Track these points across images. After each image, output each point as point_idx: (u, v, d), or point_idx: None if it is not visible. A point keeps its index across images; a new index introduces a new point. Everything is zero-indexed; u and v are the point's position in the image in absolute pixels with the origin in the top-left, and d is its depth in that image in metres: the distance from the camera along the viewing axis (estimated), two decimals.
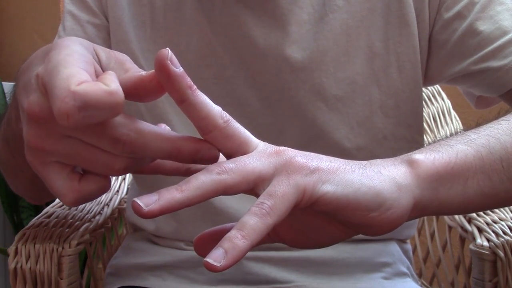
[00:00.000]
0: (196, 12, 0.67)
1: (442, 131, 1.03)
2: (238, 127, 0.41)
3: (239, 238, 0.35)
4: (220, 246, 0.35)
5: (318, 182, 0.39)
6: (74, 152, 0.38)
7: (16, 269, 0.64)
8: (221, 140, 0.40)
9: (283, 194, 0.37)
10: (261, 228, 0.36)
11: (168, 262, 0.70)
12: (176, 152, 0.39)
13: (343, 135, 0.66)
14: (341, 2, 0.65)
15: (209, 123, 0.40)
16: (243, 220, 0.36)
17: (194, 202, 0.37)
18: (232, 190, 0.38)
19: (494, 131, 0.49)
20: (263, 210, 0.37)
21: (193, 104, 0.39)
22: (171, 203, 0.36)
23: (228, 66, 0.67)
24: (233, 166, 0.38)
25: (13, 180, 0.66)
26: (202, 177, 0.37)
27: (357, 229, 0.42)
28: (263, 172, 0.39)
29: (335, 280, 0.67)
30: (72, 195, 0.38)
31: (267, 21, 0.65)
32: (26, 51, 1.98)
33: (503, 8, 0.63)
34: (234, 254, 0.35)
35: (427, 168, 0.44)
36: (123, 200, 0.93)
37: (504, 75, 0.62)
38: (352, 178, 0.40)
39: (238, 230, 0.36)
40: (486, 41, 0.62)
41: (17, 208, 1.70)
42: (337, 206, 0.39)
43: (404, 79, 0.66)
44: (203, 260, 0.35)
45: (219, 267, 0.34)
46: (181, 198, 0.36)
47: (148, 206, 0.36)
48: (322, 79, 0.65)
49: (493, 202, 0.47)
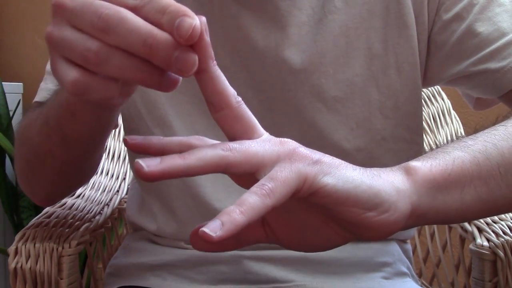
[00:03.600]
0: (195, 13, 0.67)
1: (442, 131, 1.03)
2: (248, 111, 0.41)
3: (237, 212, 0.35)
4: (218, 218, 0.35)
5: (320, 173, 0.39)
6: (67, 36, 0.38)
7: (16, 269, 0.64)
8: (231, 120, 0.41)
9: (284, 179, 0.37)
10: (259, 207, 0.36)
11: (168, 262, 0.70)
12: (150, 41, 0.37)
13: (342, 136, 0.66)
14: (340, 3, 0.65)
15: (222, 99, 0.40)
16: (243, 197, 0.36)
17: (195, 172, 0.37)
18: (234, 169, 0.38)
19: (491, 137, 0.49)
20: (263, 191, 0.37)
21: (212, 76, 0.39)
22: (172, 168, 0.36)
23: (228, 68, 0.67)
24: (238, 146, 0.39)
25: (35, 174, 0.66)
26: (206, 150, 0.38)
27: (354, 231, 0.42)
28: (266, 158, 0.39)
29: (335, 280, 0.67)
30: (73, 74, 0.38)
31: (266, 22, 0.65)
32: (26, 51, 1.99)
33: (502, 9, 0.64)
34: (230, 227, 0.35)
35: (424, 174, 0.44)
36: (123, 200, 0.93)
37: (502, 76, 0.62)
38: (353, 175, 0.40)
39: (237, 205, 0.36)
40: (484, 42, 0.62)
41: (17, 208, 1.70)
42: (336, 200, 0.39)
43: (403, 80, 0.66)
44: (200, 229, 0.34)
45: (215, 237, 0.34)
46: (182, 165, 0.36)
47: (149, 167, 0.36)
48: (321, 81, 0.65)
49: (491, 209, 0.47)
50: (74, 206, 0.80)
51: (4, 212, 1.71)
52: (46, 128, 0.59)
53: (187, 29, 0.36)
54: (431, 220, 0.45)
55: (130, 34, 0.37)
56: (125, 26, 0.37)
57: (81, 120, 0.55)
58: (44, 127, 0.59)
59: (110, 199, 0.89)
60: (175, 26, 0.36)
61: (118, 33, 0.37)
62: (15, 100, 1.79)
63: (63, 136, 0.58)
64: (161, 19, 0.37)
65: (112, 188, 0.94)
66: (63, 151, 0.60)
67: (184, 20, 0.36)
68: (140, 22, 0.37)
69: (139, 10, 0.37)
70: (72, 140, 0.58)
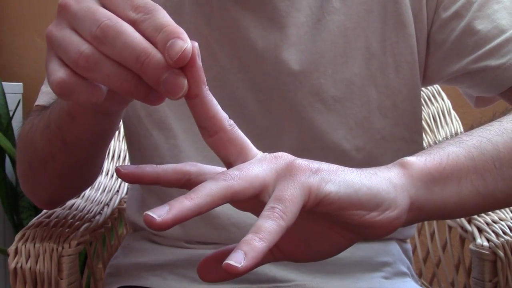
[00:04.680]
0: (194, 15, 0.67)
1: (442, 131, 1.03)
2: (241, 133, 0.42)
3: (257, 240, 0.35)
4: (239, 249, 0.35)
5: (322, 182, 0.39)
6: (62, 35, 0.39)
7: (16, 269, 0.64)
8: (225, 143, 0.41)
9: (291, 197, 0.38)
10: (276, 230, 0.36)
11: (168, 261, 0.70)
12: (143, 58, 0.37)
13: (341, 136, 0.66)
14: (338, 4, 0.66)
15: (216, 123, 0.40)
16: (258, 224, 0.36)
17: (205, 210, 0.37)
18: (239, 196, 0.38)
19: (486, 132, 0.50)
20: (275, 214, 0.37)
21: (204, 101, 0.40)
22: (183, 212, 0.36)
23: (227, 69, 0.67)
24: (238, 173, 0.39)
25: (37, 177, 0.66)
26: (209, 185, 0.38)
27: (358, 232, 0.42)
28: (267, 178, 0.39)
29: (335, 279, 0.67)
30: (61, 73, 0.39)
31: (265, 23, 0.65)
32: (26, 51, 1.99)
33: (500, 6, 0.64)
34: (253, 255, 0.35)
35: (419, 168, 0.44)
36: (123, 200, 0.93)
37: (502, 73, 0.62)
38: (352, 179, 0.41)
39: (254, 233, 0.36)
40: (484, 40, 0.63)
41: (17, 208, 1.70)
42: (340, 206, 0.40)
43: (402, 79, 0.66)
44: (224, 263, 0.34)
45: (241, 268, 0.34)
46: (192, 205, 0.36)
47: (160, 217, 0.35)
48: (320, 81, 0.65)
49: (491, 202, 0.48)
50: (74, 206, 0.80)
51: (4, 212, 1.71)
52: (48, 131, 0.59)
53: (177, 51, 0.37)
54: (431, 213, 0.46)
55: (125, 48, 0.37)
56: (122, 40, 0.37)
57: (81, 124, 0.55)
58: (45, 131, 0.59)
59: (110, 199, 0.89)
60: (166, 47, 0.37)
61: (113, 45, 0.37)
62: (15, 100, 1.79)
63: (63, 140, 0.58)
64: (156, 38, 0.37)
65: (112, 188, 0.94)
66: (63, 155, 0.60)
67: (175, 42, 0.37)
68: (137, 38, 0.37)
69: (138, 24, 0.38)
70: (73, 144, 0.58)
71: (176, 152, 0.67)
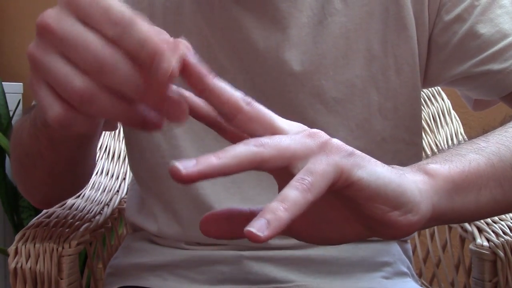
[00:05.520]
0: (195, 15, 0.67)
1: (442, 131, 1.03)
2: (263, 109, 0.41)
3: (281, 209, 0.34)
4: (262, 217, 0.34)
5: (355, 166, 0.38)
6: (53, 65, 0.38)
7: (16, 269, 0.64)
8: (247, 123, 0.40)
9: (322, 172, 0.37)
10: (301, 202, 0.35)
11: (168, 262, 0.70)
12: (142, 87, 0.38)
13: (342, 138, 0.66)
14: (339, 5, 0.66)
15: (232, 106, 0.40)
16: (284, 192, 0.35)
17: (231, 171, 0.36)
18: (268, 164, 0.37)
19: (503, 139, 0.50)
20: (304, 185, 0.36)
21: (214, 90, 0.39)
22: (209, 168, 0.35)
23: (227, 69, 0.67)
24: (269, 141, 0.38)
25: (29, 176, 0.66)
26: (239, 147, 0.37)
27: (374, 228, 0.42)
28: (298, 151, 0.38)
29: (336, 280, 0.67)
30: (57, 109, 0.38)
31: (266, 23, 0.65)
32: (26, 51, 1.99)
33: (503, 11, 0.64)
34: (276, 225, 0.34)
35: (443, 177, 0.44)
36: (123, 200, 0.93)
37: (505, 77, 0.62)
38: (384, 171, 0.40)
39: (280, 202, 0.35)
40: (486, 44, 0.63)
41: (17, 208, 1.70)
42: (368, 195, 0.39)
43: (403, 81, 0.66)
44: (245, 229, 0.33)
45: (263, 237, 0.33)
46: (219, 164, 0.36)
47: (186, 169, 0.35)
48: (322, 82, 0.65)
49: (503, 209, 0.48)
50: (74, 206, 0.80)
51: (4, 212, 1.71)
52: (34, 129, 0.58)
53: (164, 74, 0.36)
54: (447, 221, 0.46)
55: (125, 81, 0.37)
56: (121, 73, 0.37)
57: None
58: (32, 129, 0.59)
59: (110, 199, 0.89)
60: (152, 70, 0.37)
61: (112, 79, 0.37)
62: (15, 100, 1.79)
63: (49, 138, 0.57)
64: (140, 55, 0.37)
65: (112, 188, 0.94)
66: (51, 152, 0.60)
67: (159, 66, 0.36)
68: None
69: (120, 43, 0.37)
70: (59, 141, 0.58)
71: (176, 152, 0.67)
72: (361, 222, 0.42)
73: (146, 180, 0.72)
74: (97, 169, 0.96)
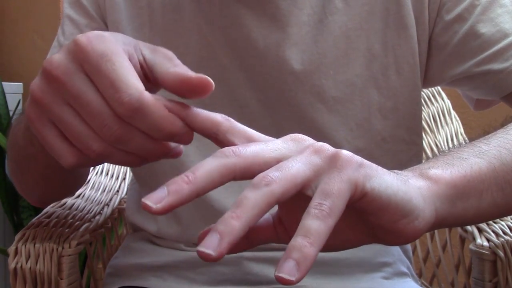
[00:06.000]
0: (194, 13, 0.67)
1: (442, 131, 1.03)
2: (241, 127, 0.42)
3: (308, 246, 0.33)
4: (290, 258, 0.33)
5: (366, 177, 0.37)
6: (66, 119, 0.40)
7: (16, 269, 0.64)
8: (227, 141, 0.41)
9: (339, 192, 0.36)
10: (325, 231, 0.34)
11: (168, 263, 0.70)
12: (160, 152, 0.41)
13: (342, 137, 0.66)
14: (340, 4, 0.66)
15: (210, 129, 0.42)
16: (306, 224, 0.34)
17: (252, 223, 0.35)
18: (283, 198, 0.36)
19: (504, 141, 0.50)
20: (323, 212, 0.34)
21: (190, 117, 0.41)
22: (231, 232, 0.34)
23: (227, 68, 0.67)
24: (279, 174, 0.36)
25: (24, 176, 0.66)
26: (253, 194, 0.35)
27: (380, 236, 0.41)
28: (308, 174, 0.37)
29: (336, 280, 0.67)
30: (71, 159, 0.40)
31: (266, 22, 0.65)
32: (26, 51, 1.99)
33: (504, 10, 0.64)
34: (306, 264, 0.33)
35: (446, 182, 0.44)
36: (123, 200, 0.93)
37: (506, 77, 0.62)
38: (391, 180, 0.39)
39: (304, 237, 0.34)
40: (487, 43, 0.63)
41: (17, 208, 1.70)
42: (380, 205, 0.38)
43: (403, 81, 0.66)
44: (275, 275, 0.33)
45: (295, 280, 0.33)
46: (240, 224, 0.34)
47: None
48: (322, 81, 0.65)
49: (505, 212, 0.48)
50: (74, 206, 0.80)
51: (4, 212, 1.71)
52: (28, 132, 0.58)
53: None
54: (449, 225, 0.46)
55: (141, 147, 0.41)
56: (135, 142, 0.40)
57: None
58: (26, 131, 0.59)
59: (110, 199, 0.89)
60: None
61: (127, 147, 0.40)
62: (15, 100, 1.79)
63: None
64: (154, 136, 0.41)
65: (112, 188, 0.94)
66: (45, 156, 0.60)
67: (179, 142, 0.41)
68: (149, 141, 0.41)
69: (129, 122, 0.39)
70: None
71: None
72: (365, 230, 0.41)
73: (146, 179, 0.72)
74: (97, 169, 0.96)
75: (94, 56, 0.39)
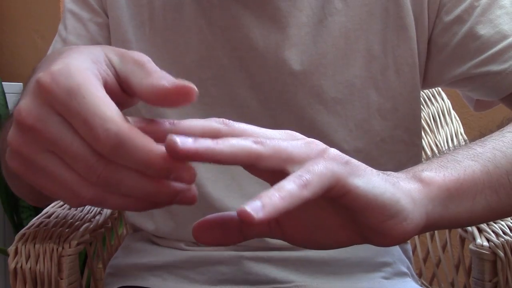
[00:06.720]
0: (195, 13, 0.67)
1: (442, 131, 1.03)
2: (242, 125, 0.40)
3: (277, 197, 0.34)
4: (259, 200, 0.33)
5: (351, 175, 0.38)
6: (50, 167, 0.37)
7: (16, 269, 0.64)
8: None
9: (320, 173, 0.36)
10: (297, 196, 0.34)
11: (168, 262, 0.70)
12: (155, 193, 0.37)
13: (341, 138, 0.66)
14: (339, 5, 0.66)
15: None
16: (281, 183, 0.35)
17: (226, 159, 0.35)
18: (263, 162, 0.36)
19: (499, 144, 0.49)
20: (301, 181, 0.35)
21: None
22: (206, 149, 0.34)
23: (227, 68, 0.67)
24: (268, 140, 0.37)
25: (16, 182, 0.66)
26: (238, 140, 0.36)
27: (367, 236, 0.41)
28: (295, 153, 0.37)
29: (336, 280, 0.67)
30: (75, 201, 0.37)
31: (266, 23, 0.65)
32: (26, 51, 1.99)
33: (503, 12, 0.64)
34: (271, 210, 0.33)
35: (438, 185, 0.44)
36: None
37: (504, 78, 0.62)
38: (379, 180, 0.40)
39: (276, 190, 0.34)
40: (486, 45, 0.63)
41: (17, 208, 1.70)
42: (364, 204, 0.39)
43: (402, 82, 0.66)
44: (239, 209, 0.32)
45: (256, 218, 0.32)
46: (216, 149, 0.35)
47: (183, 144, 0.34)
48: (321, 82, 0.65)
49: (499, 215, 0.48)
50: None
51: (4, 212, 1.71)
52: None
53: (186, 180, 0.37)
54: (442, 227, 0.45)
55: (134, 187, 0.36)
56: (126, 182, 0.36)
57: None
58: None
59: None
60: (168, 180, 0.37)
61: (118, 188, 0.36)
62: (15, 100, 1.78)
63: None
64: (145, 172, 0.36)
65: None
66: None
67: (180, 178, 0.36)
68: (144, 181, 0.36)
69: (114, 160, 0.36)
70: None
71: None
72: (356, 230, 0.42)
73: None
74: None
75: (61, 95, 0.35)
